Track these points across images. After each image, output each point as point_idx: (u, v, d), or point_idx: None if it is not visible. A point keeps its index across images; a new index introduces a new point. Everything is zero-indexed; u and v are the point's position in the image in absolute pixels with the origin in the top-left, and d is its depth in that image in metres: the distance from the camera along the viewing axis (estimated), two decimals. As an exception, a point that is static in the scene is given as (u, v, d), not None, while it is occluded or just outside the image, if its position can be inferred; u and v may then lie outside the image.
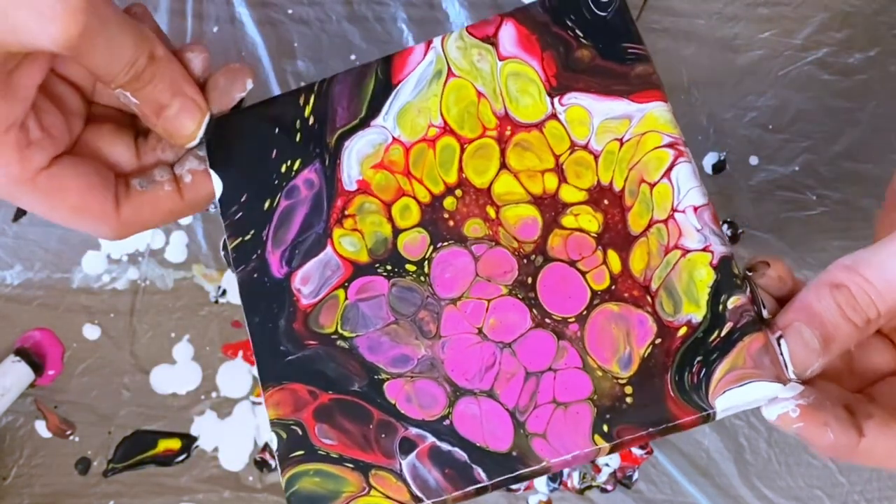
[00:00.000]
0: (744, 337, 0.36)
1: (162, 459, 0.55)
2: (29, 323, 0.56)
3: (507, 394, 0.38)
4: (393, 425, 0.38)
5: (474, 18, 0.56)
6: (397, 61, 0.41)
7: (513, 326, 0.38)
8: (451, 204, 0.40)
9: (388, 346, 0.39)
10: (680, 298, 0.37)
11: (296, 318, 0.39)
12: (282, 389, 0.39)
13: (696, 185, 0.38)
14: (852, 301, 0.35)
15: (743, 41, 0.56)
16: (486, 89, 0.41)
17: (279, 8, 0.56)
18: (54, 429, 0.55)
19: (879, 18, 0.56)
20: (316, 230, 0.40)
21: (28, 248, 0.56)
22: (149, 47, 0.37)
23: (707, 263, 0.37)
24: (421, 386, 0.38)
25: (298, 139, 0.41)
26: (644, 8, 0.55)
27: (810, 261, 0.55)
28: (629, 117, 0.39)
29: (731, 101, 0.56)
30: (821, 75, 0.56)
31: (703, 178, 0.55)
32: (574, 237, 0.39)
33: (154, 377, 0.55)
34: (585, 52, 0.40)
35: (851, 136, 0.56)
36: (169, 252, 0.56)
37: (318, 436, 0.38)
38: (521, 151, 0.40)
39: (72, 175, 0.39)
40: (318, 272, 0.40)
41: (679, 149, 0.39)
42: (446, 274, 0.39)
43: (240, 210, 0.41)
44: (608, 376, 0.37)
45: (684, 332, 0.37)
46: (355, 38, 0.56)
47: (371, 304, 0.39)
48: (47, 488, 0.55)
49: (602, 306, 0.38)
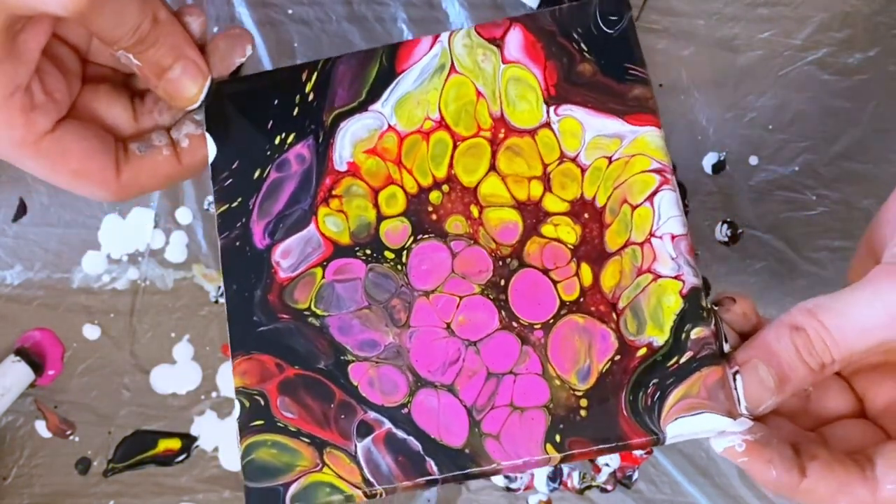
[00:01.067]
0: (702, 368, 0.37)
1: (162, 459, 0.55)
2: (29, 323, 0.56)
3: (467, 391, 0.38)
4: (353, 407, 0.38)
5: (474, 18, 0.56)
6: (403, 50, 0.42)
7: (480, 325, 0.39)
8: (437, 198, 0.40)
9: (357, 329, 0.39)
10: (645, 320, 0.38)
11: (272, 289, 0.40)
12: (250, 359, 0.39)
13: (678, 214, 0.39)
14: (809, 345, 0.35)
15: (743, 41, 0.56)
16: (486, 90, 0.41)
17: (279, 8, 0.56)
18: (54, 429, 0.55)
19: (879, 18, 0.56)
20: (302, 206, 0.41)
21: (28, 248, 0.56)
22: (152, 9, 0.38)
23: (677, 291, 0.38)
24: (384, 372, 0.39)
25: (296, 113, 0.41)
26: (644, 8, 0.55)
27: (810, 261, 0.55)
28: (621, 137, 0.40)
29: (731, 101, 0.56)
30: (821, 75, 0.56)
31: (703, 178, 0.56)
32: (551, 246, 0.39)
33: (154, 377, 0.55)
34: (587, 67, 0.41)
35: (851, 136, 0.56)
36: (169, 252, 0.56)
37: (279, 408, 0.39)
38: (511, 156, 0.40)
39: (74, 139, 0.39)
40: (299, 248, 0.40)
41: (665, 176, 0.39)
42: (423, 266, 0.40)
43: (230, 177, 0.41)
44: (566, 386, 0.38)
45: (644, 352, 0.38)
46: (355, 38, 0.56)
47: (346, 286, 0.40)
48: (47, 488, 0.55)
49: (568, 317, 0.39)
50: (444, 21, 0.56)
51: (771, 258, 0.55)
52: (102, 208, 0.56)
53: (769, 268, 0.55)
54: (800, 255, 0.55)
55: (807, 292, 0.55)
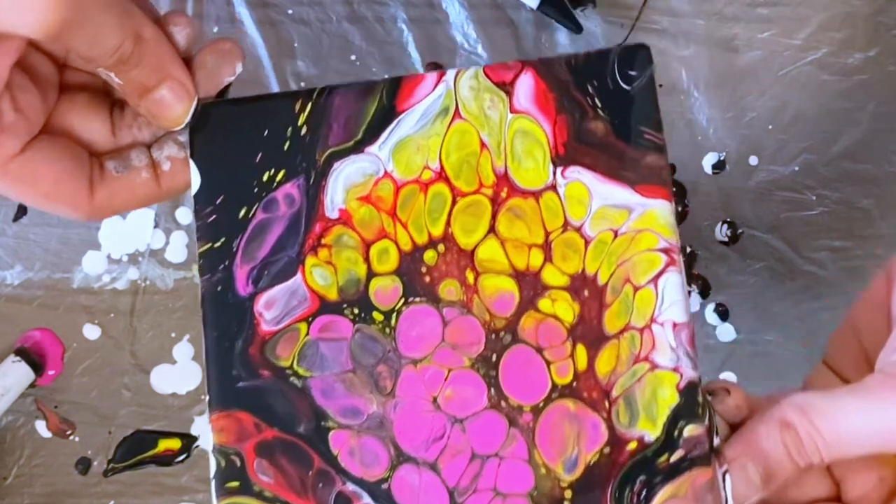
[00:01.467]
0: (692, 468, 0.36)
1: (162, 459, 0.55)
2: (29, 323, 0.56)
3: (450, 470, 0.37)
4: (332, 476, 0.37)
5: (474, 18, 0.56)
6: (405, 87, 0.39)
7: (468, 402, 0.37)
8: (432, 258, 0.38)
9: (340, 394, 0.37)
10: (638, 412, 0.36)
11: (253, 342, 0.38)
12: (228, 416, 0.37)
13: (681, 299, 0.37)
14: (799, 445, 0.35)
15: (743, 41, 0.56)
16: (491, 141, 0.38)
17: (279, 8, 0.56)
18: (54, 429, 0.55)
19: (879, 18, 0.56)
20: (289, 253, 0.38)
21: (28, 247, 0.56)
22: (135, 28, 0.35)
23: (674, 385, 0.36)
24: (366, 442, 0.37)
25: (287, 147, 0.39)
26: (644, 8, 0.55)
27: (810, 261, 0.55)
28: (630, 209, 0.37)
29: (731, 101, 0.56)
30: (821, 75, 0.56)
31: (703, 178, 0.56)
32: (547, 323, 0.37)
33: (154, 377, 0.55)
34: (600, 126, 0.38)
35: (851, 136, 0.56)
36: (169, 252, 0.56)
37: (256, 471, 0.37)
38: (512, 218, 0.38)
39: (45, 160, 0.36)
40: (284, 299, 0.38)
41: (672, 256, 0.37)
42: (412, 332, 0.38)
43: (214, 213, 0.38)
44: (551, 475, 0.36)
45: (634, 446, 0.36)
46: (355, 38, 0.56)
47: (332, 346, 0.38)
48: (47, 488, 0.55)
49: (559, 401, 0.37)
50: (445, 21, 0.56)
51: (771, 258, 0.55)
52: (102, 208, 0.56)
53: (769, 268, 0.55)
54: (800, 255, 0.55)
55: (807, 292, 0.55)
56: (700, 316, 0.55)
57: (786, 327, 0.55)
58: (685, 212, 0.55)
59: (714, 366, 0.54)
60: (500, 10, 0.55)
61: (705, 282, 0.55)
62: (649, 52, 0.39)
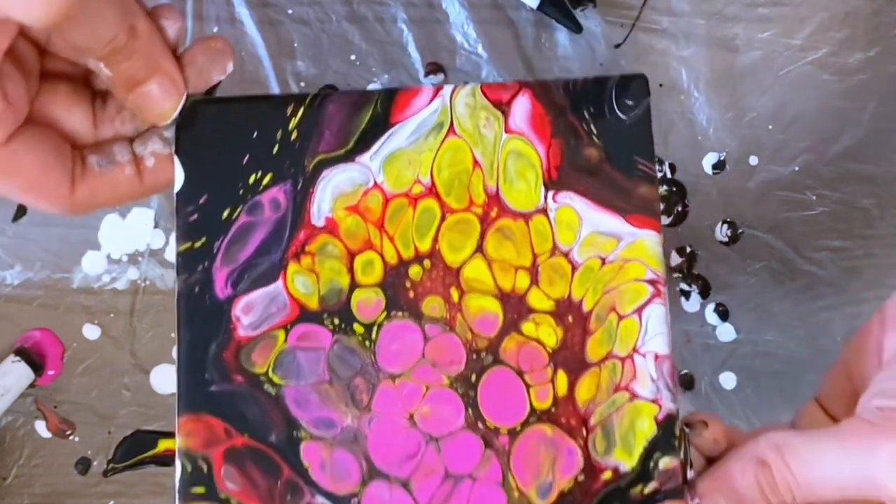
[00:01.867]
0: (665, 500, 0.36)
1: (162, 459, 0.55)
2: (29, 323, 0.56)
3: (422, 489, 0.36)
4: (301, 489, 0.36)
5: (474, 18, 0.56)
6: (400, 99, 0.38)
7: (445, 421, 0.37)
8: (417, 273, 0.37)
9: (315, 405, 0.37)
10: (615, 442, 0.36)
11: (228, 346, 0.37)
12: (197, 420, 0.37)
13: (664, 331, 0.37)
14: (773, 483, 0.35)
15: (743, 41, 0.56)
16: (484, 160, 0.38)
17: (279, 8, 0.56)
18: (54, 429, 0.55)
19: (879, 18, 0.56)
20: (271, 258, 0.37)
21: (28, 247, 0.56)
22: (130, 21, 0.34)
23: (652, 416, 0.37)
24: (338, 456, 0.36)
25: (276, 151, 0.38)
26: (644, 8, 0.55)
27: (810, 261, 0.55)
28: (619, 238, 0.37)
29: (731, 101, 0.56)
30: (821, 75, 0.56)
31: (703, 178, 0.56)
32: (529, 347, 0.37)
33: (154, 377, 0.55)
34: (594, 153, 0.38)
35: (851, 136, 0.56)
36: (169, 252, 0.56)
37: (223, 477, 0.36)
38: (501, 239, 0.38)
39: (29, 151, 0.35)
40: (263, 305, 0.37)
41: (658, 288, 0.37)
42: (392, 346, 0.37)
43: (196, 212, 0.38)
44: (524, 500, 0.36)
45: (609, 476, 0.36)
46: (355, 38, 0.56)
47: (309, 356, 0.37)
48: (47, 488, 0.55)
49: (536, 426, 0.37)
50: (445, 21, 0.56)
51: (771, 258, 0.55)
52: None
53: (769, 268, 0.55)
54: (800, 255, 0.55)
55: (807, 292, 0.55)
56: (700, 316, 0.55)
57: (786, 327, 0.55)
58: (685, 212, 0.55)
59: (714, 366, 0.54)
60: (500, 10, 0.55)
61: (705, 282, 0.55)
62: (647, 82, 0.39)
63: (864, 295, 0.55)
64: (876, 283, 0.55)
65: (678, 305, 0.54)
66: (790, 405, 0.54)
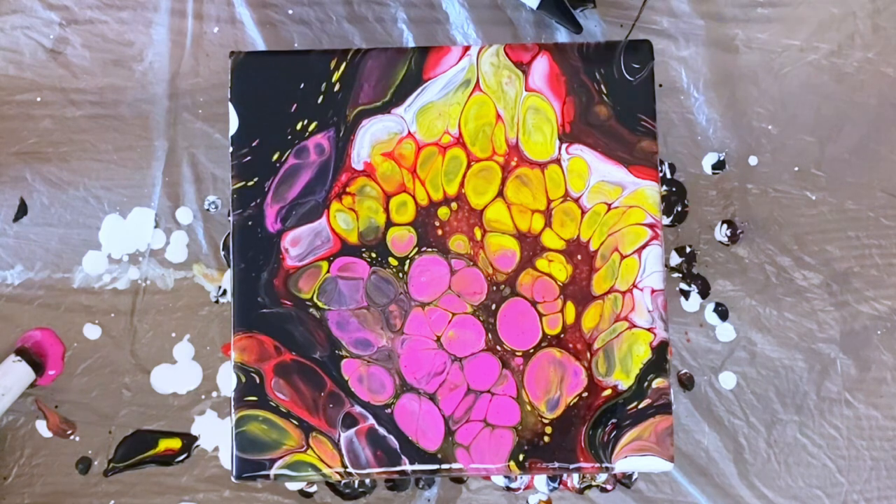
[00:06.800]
0: (656, 415, 0.42)
1: (162, 459, 0.55)
2: (30, 323, 0.56)
3: (447, 402, 0.42)
4: (341, 399, 0.42)
5: (474, 18, 0.56)
6: (432, 56, 0.43)
7: (468, 343, 0.42)
8: (445, 214, 0.42)
9: (354, 327, 0.42)
10: (615, 364, 0.42)
11: (278, 274, 0.42)
12: (251, 337, 0.42)
13: (660, 270, 0.43)
14: None
15: (743, 41, 0.56)
16: (506, 114, 0.43)
17: (279, 8, 0.56)
18: (55, 428, 0.55)
19: (879, 19, 0.56)
20: (316, 197, 0.43)
21: (29, 248, 0.56)
22: None
23: (648, 342, 0.42)
24: (374, 372, 0.42)
25: (321, 101, 0.43)
26: (644, 8, 0.55)
27: (810, 261, 0.55)
28: (623, 186, 0.43)
29: (731, 101, 0.56)
30: (820, 75, 0.56)
31: (703, 178, 0.56)
32: (542, 280, 0.42)
33: (154, 377, 0.55)
34: (603, 110, 0.43)
35: (851, 136, 0.56)
36: (169, 252, 0.56)
37: (273, 388, 0.42)
38: (519, 185, 0.43)
39: None
40: (309, 239, 0.42)
41: (656, 231, 0.43)
42: (422, 278, 0.42)
43: (249, 154, 0.43)
44: (535, 413, 0.42)
45: (609, 393, 0.42)
46: (355, 39, 0.56)
47: (349, 284, 0.42)
48: (48, 488, 0.55)
49: (548, 349, 0.42)
50: (445, 21, 0.56)
51: (770, 258, 0.55)
52: (103, 209, 0.56)
53: (768, 268, 0.55)
54: (799, 255, 0.55)
55: (806, 292, 0.55)
56: (700, 316, 0.55)
57: (785, 327, 0.55)
58: (685, 212, 0.55)
59: (714, 366, 0.54)
60: (500, 10, 0.55)
61: (705, 282, 0.55)
62: (651, 47, 0.44)
63: (863, 295, 0.55)
64: (875, 283, 0.55)
65: (678, 305, 0.54)
66: (789, 405, 0.55)
